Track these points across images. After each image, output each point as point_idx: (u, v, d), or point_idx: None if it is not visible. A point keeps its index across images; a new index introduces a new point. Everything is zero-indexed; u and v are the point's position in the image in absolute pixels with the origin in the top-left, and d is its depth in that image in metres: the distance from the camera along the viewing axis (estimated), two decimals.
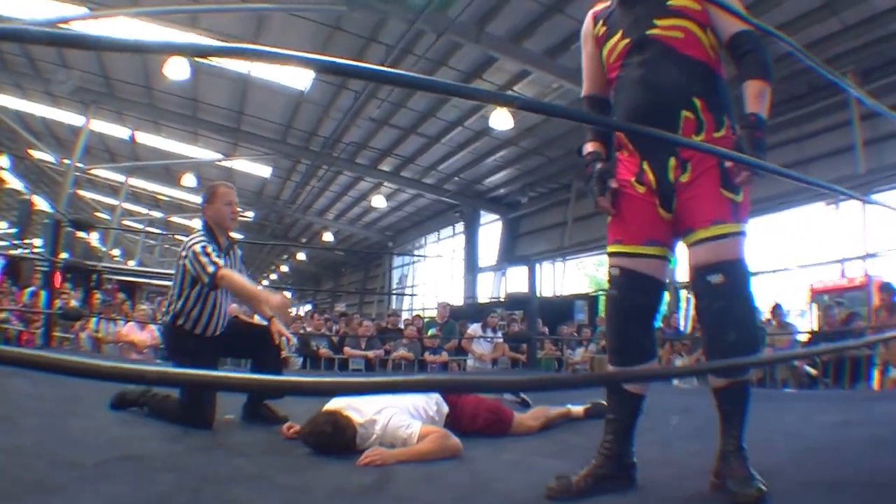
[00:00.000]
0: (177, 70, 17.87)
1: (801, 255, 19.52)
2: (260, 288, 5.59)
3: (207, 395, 5.15)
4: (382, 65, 17.82)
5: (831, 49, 16.85)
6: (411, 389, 4.66)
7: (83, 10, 16.37)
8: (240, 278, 5.48)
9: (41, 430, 4.49)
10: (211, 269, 5.28)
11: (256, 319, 6.22)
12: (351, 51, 18.55)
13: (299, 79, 20.43)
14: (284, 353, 7.88)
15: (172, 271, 5.93)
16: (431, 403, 5.03)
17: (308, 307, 34.81)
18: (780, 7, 15.63)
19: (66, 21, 16.36)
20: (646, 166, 3.50)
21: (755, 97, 3.31)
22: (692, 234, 3.38)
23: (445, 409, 5.13)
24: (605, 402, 5.33)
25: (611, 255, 3.73)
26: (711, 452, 3.40)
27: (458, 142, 24.93)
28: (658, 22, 3.43)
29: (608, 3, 3.79)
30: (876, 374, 12.12)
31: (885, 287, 13.08)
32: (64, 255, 12.42)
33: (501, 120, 20.41)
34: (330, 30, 17.84)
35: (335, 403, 4.66)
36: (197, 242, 5.42)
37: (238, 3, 15.92)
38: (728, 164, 3.25)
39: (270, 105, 22.76)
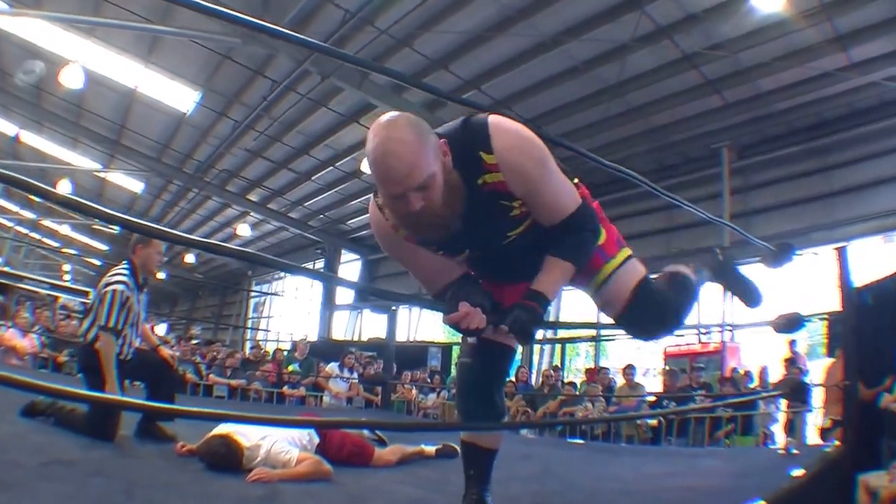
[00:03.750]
0: (73, 78, 17.95)
1: None
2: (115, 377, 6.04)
3: (113, 411, 5.71)
4: (265, 99, 18.57)
5: (710, 124, 17.99)
6: (290, 426, 5.60)
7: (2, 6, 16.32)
8: (109, 359, 5.87)
9: None
10: (110, 323, 5.87)
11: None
12: (237, 81, 19.16)
13: (184, 100, 20.61)
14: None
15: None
16: (305, 434, 5.78)
17: (163, 327, 34.70)
18: (661, 83, 16.62)
19: None
20: None
21: (550, 276, 3.25)
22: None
23: (317, 439, 5.86)
24: (454, 445, 6.26)
25: None
26: (548, 492, 4.20)
27: (328, 181, 25.54)
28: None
29: None
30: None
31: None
32: None
33: None
34: (220, 58, 18.24)
35: (225, 428, 5.37)
36: (119, 283, 5.97)
37: (141, 21, 16.10)
38: None
39: (152, 122, 22.79)
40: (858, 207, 17.17)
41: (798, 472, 5.33)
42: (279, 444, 5.34)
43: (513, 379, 16.47)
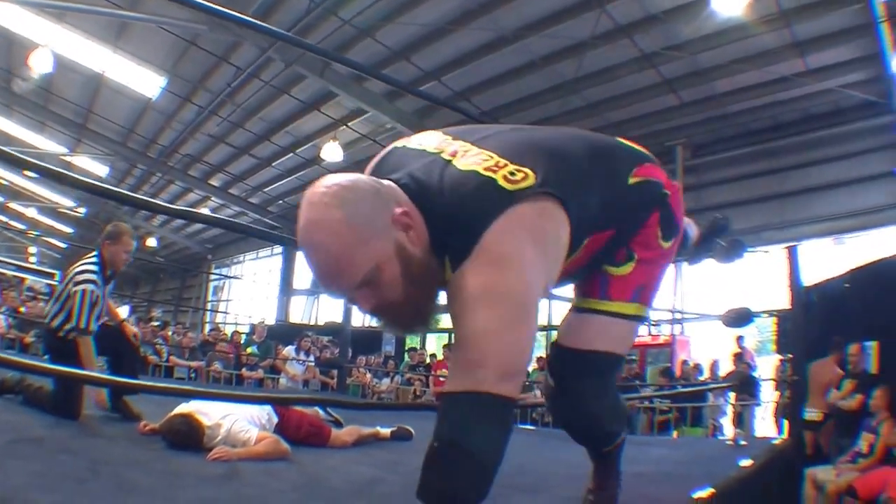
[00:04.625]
0: (42, 62, 17.93)
1: None
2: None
3: (77, 390, 5.84)
4: (229, 85, 18.72)
5: (665, 122, 18.36)
6: (248, 401, 5.79)
7: None
8: (90, 360, 5.97)
9: None
10: (83, 325, 5.88)
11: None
12: (202, 67, 19.30)
13: (150, 86, 20.65)
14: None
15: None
16: (264, 413, 5.95)
17: (126, 309, 34.62)
18: (619, 80, 16.91)
19: None
20: None
21: None
22: None
23: (276, 419, 6.05)
24: (409, 428, 6.48)
25: None
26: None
27: (288, 167, 25.83)
28: None
29: None
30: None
31: None
32: None
33: (332, 151, 21.13)
34: (186, 44, 18.33)
35: (187, 407, 5.53)
36: (89, 283, 5.98)
37: (110, 7, 16.15)
38: None
39: (118, 107, 22.79)
40: (809, 209, 17.60)
41: (747, 463, 5.47)
42: (239, 423, 5.47)
43: None
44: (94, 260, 6.21)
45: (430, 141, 2.43)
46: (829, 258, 16.05)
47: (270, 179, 27.76)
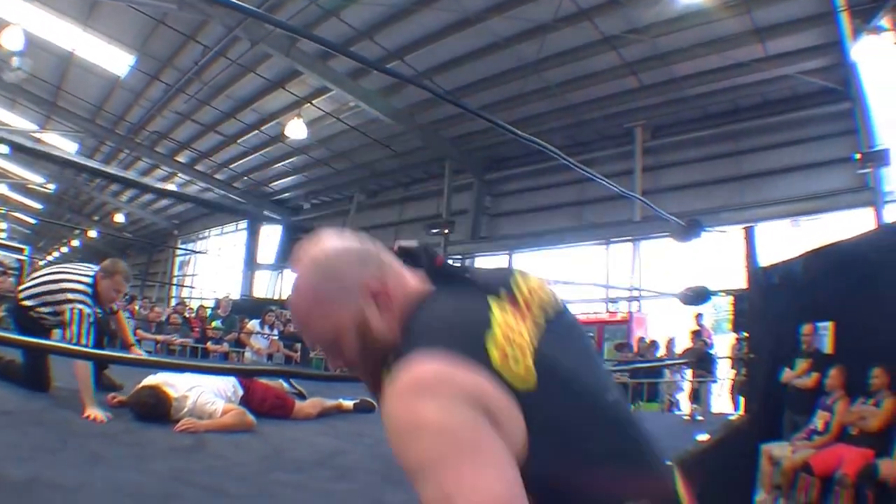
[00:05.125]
0: (13, 40, 17.83)
1: (573, 288, 20.82)
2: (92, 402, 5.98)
3: (45, 364, 5.97)
4: (196, 63, 18.84)
5: (625, 104, 18.55)
6: (216, 373, 5.98)
7: None
8: (87, 381, 5.65)
9: None
10: (84, 343, 5.71)
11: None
12: (170, 45, 19.29)
13: (119, 64, 20.61)
14: None
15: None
16: (230, 386, 6.14)
17: None
18: (580, 63, 17.08)
19: None
20: None
21: None
22: None
23: (241, 392, 6.24)
24: (371, 400, 6.69)
25: None
26: None
27: (254, 144, 25.88)
28: None
29: None
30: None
31: None
32: None
33: (296, 129, 21.23)
34: (156, 23, 18.29)
35: (154, 379, 5.71)
36: (83, 303, 5.91)
37: None
38: None
39: (88, 85, 22.68)
40: (766, 192, 17.79)
41: (703, 438, 5.63)
42: (205, 395, 5.66)
43: None
44: (89, 282, 6.16)
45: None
46: (787, 240, 16.17)
47: (236, 156, 27.76)
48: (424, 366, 1.47)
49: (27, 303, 6.08)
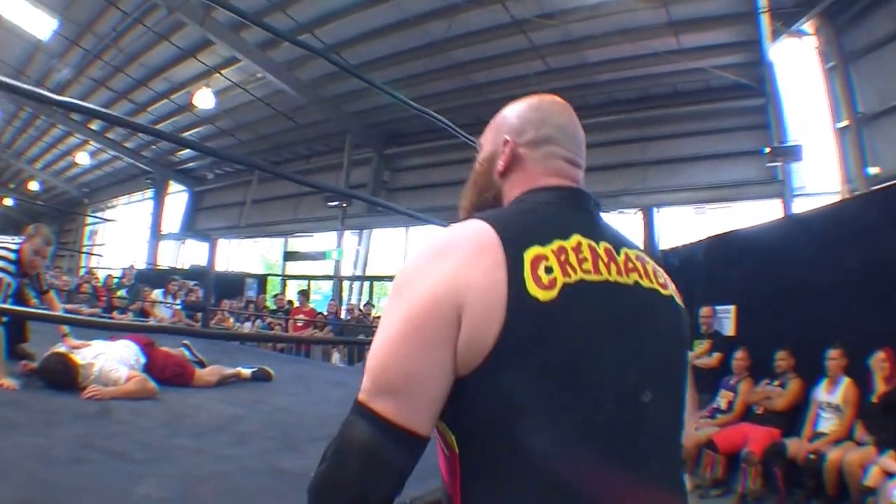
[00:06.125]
0: None
1: None
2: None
3: None
4: (115, 30, 18.88)
5: (530, 87, 18.44)
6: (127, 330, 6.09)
7: None
8: None
9: None
10: None
11: None
12: (92, 10, 19.08)
13: (42, 27, 20.18)
14: None
15: None
16: (133, 354, 6.31)
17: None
18: (487, 44, 17.29)
19: None
20: None
21: None
22: None
23: (144, 359, 6.40)
24: (269, 369, 6.87)
25: None
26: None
27: (162, 113, 25.69)
28: None
29: None
30: None
31: None
32: None
33: (205, 98, 21.24)
34: None
35: (62, 347, 5.88)
36: (3, 272, 5.99)
37: None
38: None
39: (9, 47, 21.95)
40: (670, 178, 18.22)
41: None
42: (110, 362, 5.83)
43: (324, 312, 17.55)
44: (14, 249, 6.25)
45: None
46: (692, 227, 16.60)
47: (146, 124, 27.09)
48: (456, 234, 1.63)
49: None
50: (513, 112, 2.01)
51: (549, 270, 1.54)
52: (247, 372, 7.39)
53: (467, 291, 1.50)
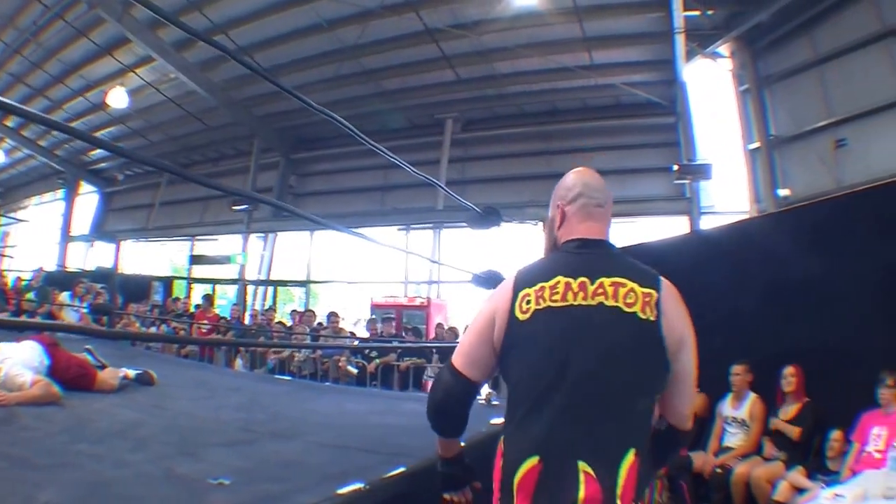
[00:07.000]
0: None
1: (368, 270, 21.65)
2: None
3: None
4: (35, 24, 18.75)
5: (440, 95, 19.09)
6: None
7: None
8: None
9: None
10: None
11: None
12: (14, 4, 18.95)
13: None
14: None
15: None
16: (37, 356, 6.31)
17: None
18: (398, 52, 17.67)
19: None
20: None
21: None
22: None
23: (48, 361, 6.40)
24: (153, 373, 7.31)
25: None
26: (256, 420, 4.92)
27: (77, 111, 25.33)
28: None
29: None
30: None
31: None
32: None
33: (119, 97, 21.24)
34: None
35: None
36: None
37: None
38: None
39: None
40: None
41: (498, 421, 5.90)
42: (15, 367, 5.84)
43: (226, 316, 17.79)
44: None
45: None
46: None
47: (62, 122, 26.73)
48: (500, 285, 2.84)
49: None
50: (559, 186, 3.04)
51: (528, 302, 2.69)
52: (132, 373, 7.45)
53: (496, 313, 2.76)
